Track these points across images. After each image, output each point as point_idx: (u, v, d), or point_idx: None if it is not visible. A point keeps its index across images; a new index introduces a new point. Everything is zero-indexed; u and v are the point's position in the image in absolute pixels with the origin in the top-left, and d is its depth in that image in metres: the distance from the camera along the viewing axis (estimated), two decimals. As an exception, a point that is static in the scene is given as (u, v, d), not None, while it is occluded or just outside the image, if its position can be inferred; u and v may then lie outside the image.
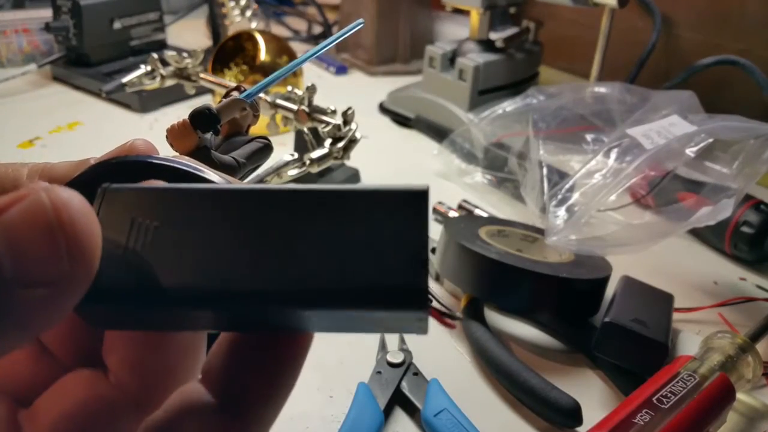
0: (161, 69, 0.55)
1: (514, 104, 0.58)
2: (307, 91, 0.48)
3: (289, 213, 0.14)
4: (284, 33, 1.01)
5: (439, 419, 0.32)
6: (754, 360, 0.35)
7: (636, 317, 0.36)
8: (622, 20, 0.66)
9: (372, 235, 0.14)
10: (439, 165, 0.61)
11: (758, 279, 0.47)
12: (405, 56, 0.88)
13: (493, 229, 0.45)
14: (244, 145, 0.24)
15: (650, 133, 0.46)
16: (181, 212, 0.14)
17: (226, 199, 0.14)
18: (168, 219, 0.14)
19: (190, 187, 0.15)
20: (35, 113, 0.71)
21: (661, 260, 0.47)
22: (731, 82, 0.65)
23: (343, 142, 0.47)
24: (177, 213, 0.14)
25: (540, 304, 0.39)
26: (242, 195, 0.14)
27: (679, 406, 0.30)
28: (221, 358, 0.16)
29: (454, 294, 0.44)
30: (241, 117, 0.25)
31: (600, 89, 0.56)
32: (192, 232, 0.14)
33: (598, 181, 0.44)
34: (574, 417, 0.33)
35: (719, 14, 0.67)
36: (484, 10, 0.66)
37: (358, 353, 0.38)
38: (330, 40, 0.24)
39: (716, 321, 0.42)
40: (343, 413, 0.33)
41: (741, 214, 0.46)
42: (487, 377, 0.37)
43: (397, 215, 0.14)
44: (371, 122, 0.72)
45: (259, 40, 0.67)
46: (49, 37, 0.82)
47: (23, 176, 0.18)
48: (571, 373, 0.37)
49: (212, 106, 0.23)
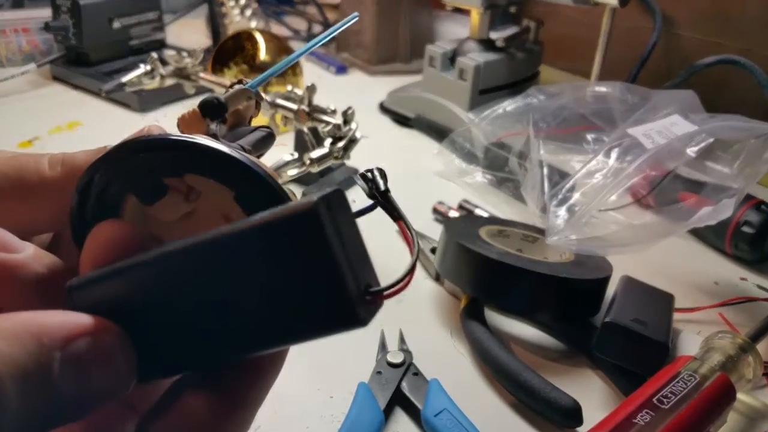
0: (161, 68, 0.55)
1: (515, 104, 0.58)
2: (307, 90, 0.48)
3: (207, 265, 0.14)
4: (284, 32, 1.00)
5: (440, 419, 0.32)
6: (754, 360, 0.35)
7: (636, 317, 0.36)
8: (622, 19, 0.66)
9: (288, 267, 0.13)
10: (439, 165, 0.61)
11: (759, 279, 0.47)
12: (405, 56, 0.88)
13: (494, 229, 0.45)
14: (248, 134, 0.24)
15: (651, 132, 0.46)
16: (136, 284, 0.15)
17: (160, 264, 0.15)
18: (128, 295, 0.15)
19: (129, 263, 0.15)
20: (34, 113, 0.71)
21: (661, 260, 0.47)
22: (732, 82, 0.65)
23: (343, 142, 0.47)
24: (131, 289, 0.15)
25: (540, 304, 0.39)
26: (173, 257, 0.15)
27: (680, 406, 0.30)
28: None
29: (454, 294, 0.44)
30: (245, 108, 0.26)
31: (600, 89, 0.55)
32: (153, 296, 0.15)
33: (598, 180, 0.44)
34: (574, 417, 0.33)
35: (720, 13, 0.66)
36: (484, 10, 0.65)
37: (358, 353, 0.37)
38: (330, 32, 0.24)
39: (717, 321, 0.42)
40: (343, 413, 0.33)
41: (742, 214, 0.46)
42: (488, 377, 0.37)
43: (297, 241, 0.13)
44: (371, 122, 0.72)
45: (259, 40, 0.67)
46: (49, 37, 0.82)
47: (45, 168, 0.18)
48: (572, 373, 0.37)
49: (220, 95, 0.23)
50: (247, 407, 0.16)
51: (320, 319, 0.13)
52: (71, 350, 0.13)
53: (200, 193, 0.18)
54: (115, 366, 0.14)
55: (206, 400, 0.15)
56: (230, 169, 0.16)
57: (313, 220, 0.13)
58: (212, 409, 0.15)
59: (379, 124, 0.72)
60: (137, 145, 0.16)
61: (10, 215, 0.17)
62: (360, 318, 0.13)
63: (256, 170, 0.16)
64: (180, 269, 0.14)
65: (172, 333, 0.15)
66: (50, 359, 0.12)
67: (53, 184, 0.17)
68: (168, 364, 0.16)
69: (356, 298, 0.13)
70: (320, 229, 0.13)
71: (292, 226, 0.13)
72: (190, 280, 0.14)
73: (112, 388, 0.14)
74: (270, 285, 0.14)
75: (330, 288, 0.13)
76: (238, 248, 0.14)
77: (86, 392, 0.13)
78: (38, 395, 0.12)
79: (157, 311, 0.15)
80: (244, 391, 0.16)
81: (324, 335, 0.14)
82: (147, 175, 0.17)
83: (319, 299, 0.13)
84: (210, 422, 0.15)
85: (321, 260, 0.13)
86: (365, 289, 0.14)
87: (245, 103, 0.25)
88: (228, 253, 0.14)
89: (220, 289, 0.14)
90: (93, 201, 0.17)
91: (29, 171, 0.17)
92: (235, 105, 0.25)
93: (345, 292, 0.13)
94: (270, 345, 0.14)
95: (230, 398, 0.16)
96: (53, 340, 0.13)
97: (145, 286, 0.15)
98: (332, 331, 0.14)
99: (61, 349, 0.13)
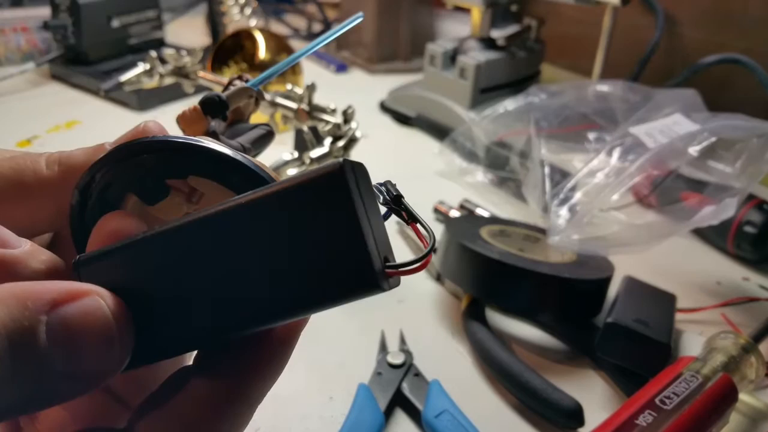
0: (160, 67, 0.54)
1: (516, 103, 0.58)
2: (307, 89, 0.48)
3: (227, 236, 0.14)
4: (284, 31, 1.00)
5: (440, 420, 0.32)
6: (757, 360, 0.34)
7: (638, 318, 0.36)
8: (624, 18, 0.65)
9: (311, 231, 0.13)
10: (440, 164, 0.61)
11: (761, 279, 0.47)
12: (406, 54, 0.88)
13: (495, 229, 0.44)
14: (248, 131, 0.24)
15: (653, 131, 0.46)
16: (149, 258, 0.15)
17: (175, 237, 0.15)
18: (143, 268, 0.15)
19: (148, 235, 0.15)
20: (33, 112, 0.71)
21: (663, 260, 0.47)
22: (734, 81, 0.65)
23: (344, 141, 0.47)
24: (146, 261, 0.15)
25: (542, 305, 0.39)
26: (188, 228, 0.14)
27: (682, 407, 0.30)
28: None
29: (455, 294, 0.43)
30: (244, 105, 0.26)
31: (602, 88, 0.55)
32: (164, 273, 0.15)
33: (600, 180, 0.44)
34: (575, 418, 0.33)
35: (722, 12, 0.66)
36: (485, 8, 0.65)
37: (359, 354, 0.37)
38: (333, 32, 0.24)
39: (719, 321, 0.42)
40: (344, 414, 0.33)
41: (744, 214, 0.46)
42: (489, 378, 0.36)
43: (322, 205, 0.13)
44: (372, 121, 0.72)
45: (259, 39, 0.67)
46: (48, 36, 0.82)
47: (42, 167, 0.18)
48: (573, 374, 0.37)
49: (221, 93, 0.23)
50: (249, 396, 0.15)
51: (341, 283, 0.13)
52: (58, 314, 0.12)
53: (202, 195, 0.18)
54: (108, 334, 0.13)
55: (207, 389, 0.15)
56: (235, 173, 0.16)
57: (340, 180, 0.13)
58: (213, 398, 0.15)
59: (379, 123, 0.72)
60: (141, 146, 0.16)
61: (8, 216, 0.17)
62: (379, 282, 0.13)
63: (261, 174, 0.16)
64: (198, 239, 0.14)
65: (185, 307, 0.15)
66: (36, 322, 0.12)
67: (51, 183, 0.17)
68: (178, 340, 0.15)
69: (376, 260, 0.13)
70: (346, 187, 0.13)
71: (319, 187, 0.13)
72: (208, 251, 0.14)
73: (105, 360, 0.13)
74: (291, 250, 0.13)
75: (352, 248, 0.13)
76: (261, 213, 0.14)
77: (76, 362, 0.13)
78: (25, 361, 0.12)
79: (170, 285, 0.15)
80: (247, 379, 0.15)
81: (343, 300, 0.13)
82: (150, 175, 0.17)
83: (340, 261, 0.13)
84: (210, 411, 0.15)
85: (346, 220, 0.13)
86: (384, 260, 0.13)
87: (245, 101, 0.25)
88: (250, 219, 0.14)
89: (240, 258, 0.14)
90: (94, 200, 0.17)
91: (26, 171, 0.17)
92: (236, 103, 0.25)
93: (367, 253, 0.13)
94: (286, 314, 0.14)
95: (232, 387, 0.15)
96: (39, 304, 0.12)
97: (158, 259, 0.15)
98: (352, 294, 0.13)
99: (47, 313, 0.12)
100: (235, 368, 0.15)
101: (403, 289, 0.44)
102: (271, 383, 0.16)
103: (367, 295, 0.13)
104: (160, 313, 0.15)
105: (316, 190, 0.13)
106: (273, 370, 0.16)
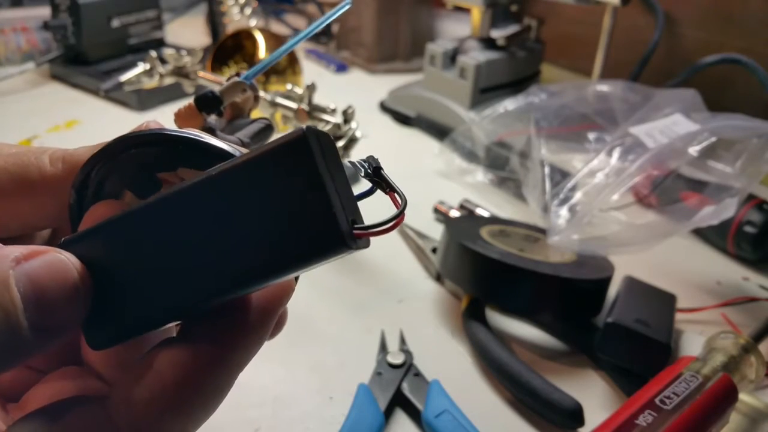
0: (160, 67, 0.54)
1: (516, 103, 0.58)
2: (307, 89, 0.48)
3: (199, 208, 0.14)
4: (284, 31, 1.00)
5: (440, 420, 0.32)
6: (757, 360, 0.34)
7: (639, 318, 0.36)
8: (624, 18, 0.65)
9: (277, 197, 0.14)
10: (440, 164, 0.61)
11: (761, 279, 0.47)
12: (406, 54, 0.88)
13: (495, 229, 0.44)
14: (247, 126, 0.24)
15: (653, 131, 0.46)
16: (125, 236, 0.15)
17: (145, 213, 0.15)
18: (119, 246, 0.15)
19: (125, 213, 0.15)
20: (33, 112, 0.71)
21: (663, 260, 0.47)
22: (734, 81, 0.65)
23: (344, 141, 0.47)
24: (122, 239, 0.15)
25: (542, 305, 0.39)
26: (158, 205, 0.15)
27: (682, 407, 0.29)
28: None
29: (455, 294, 0.43)
30: (243, 100, 0.26)
31: (602, 88, 0.55)
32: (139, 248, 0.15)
33: (600, 180, 0.44)
34: (576, 418, 0.33)
35: (722, 12, 0.66)
36: (485, 8, 0.65)
37: (359, 354, 0.37)
38: (322, 20, 0.24)
39: (719, 321, 0.42)
40: (344, 414, 0.33)
41: (744, 214, 0.46)
42: (489, 378, 0.36)
43: (287, 170, 0.13)
44: (372, 121, 0.72)
45: (259, 39, 0.67)
46: (48, 36, 0.82)
47: (46, 164, 0.18)
48: (573, 374, 0.37)
49: (215, 89, 0.23)
50: (229, 363, 0.16)
51: (309, 244, 0.14)
52: (23, 268, 0.13)
53: None
54: (71, 283, 0.14)
55: (187, 355, 0.15)
56: (219, 161, 0.16)
57: (303, 144, 0.13)
58: (193, 363, 0.15)
59: (379, 123, 0.72)
60: (128, 142, 0.17)
61: (11, 211, 0.18)
62: (347, 241, 0.13)
63: None
64: (167, 212, 0.15)
65: (157, 279, 0.15)
66: (5, 276, 0.13)
67: (54, 180, 0.18)
68: (141, 318, 0.16)
69: (342, 220, 0.13)
70: (310, 151, 0.13)
71: (284, 153, 0.13)
72: (178, 223, 0.15)
73: (69, 309, 0.14)
74: (260, 216, 0.14)
75: (318, 209, 0.13)
76: (230, 183, 0.14)
77: (42, 311, 0.13)
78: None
79: (141, 259, 0.15)
80: (227, 346, 0.16)
81: (314, 260, 0.14)
82: (140, 170, 0.17)
83: (307, 223, 0.13)
84: (190, 375, 0.15)
85: (310, 182, 0.13)
86: (352, 222, 0.14)
87: (243, 96, 0.25)
88: (219, 189, 0.14)
89: (209, 228, 0.14)
90: (90, 197, 0.17)
91: (31, 168, 0.18)
92: (230, 98, 0.25)
93: (332, 213, 0.13)
94: (260, 279, 0.14)
95: (213, 353, 0.15)
96: (5, 261, 0.13)
97: (130, 235, 0.15)
98: (321, 254, 0.14)
99: (13, 268, 0.13)
100: (215, 336, 0.15)
101: (403, 289, 0.44)
102: (253, 352, 0.16)
103: (337, 255, 0.14)
104: (136, 286, 0.15)
105: (282, 155, 0.14)
106: (255, 339, 0.16)
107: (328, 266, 0.46)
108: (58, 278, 0.14)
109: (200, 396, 0.15)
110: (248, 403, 0.34)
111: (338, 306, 0.42)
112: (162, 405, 0.15)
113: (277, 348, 0.38)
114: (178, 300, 0.15)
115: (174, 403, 0.15)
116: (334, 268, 0.45)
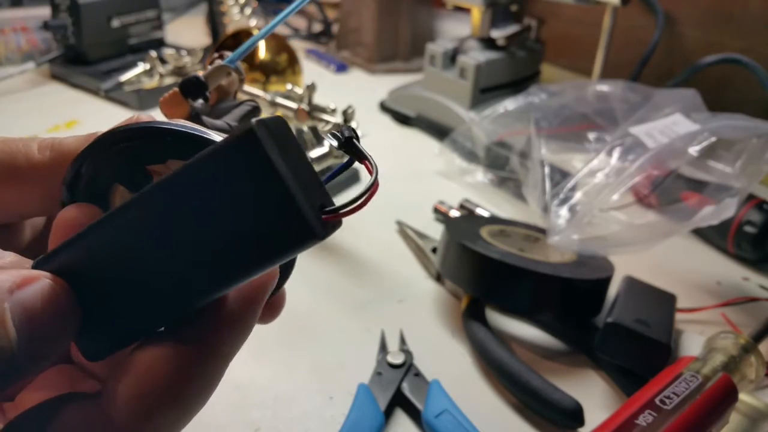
0: (160, 67, 0.54)
1: (516, 103, 0.58)
2: (307, 89, 0.48)
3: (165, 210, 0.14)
4: (284, 31, 1.00)
5: (440, 420, 0.32)
6: (756, 360, 0.34)
7: (639, 317, 0.36)
8: (624, 18, 0.65)
9: (237, 193, 0.13)
10: (440, 164, 0.61)
11: (761, 279, 0.47)
12: (406, 54, 0.88)
13: (495, 229, 0.44)
14: (234, 109, 0.24)
15: (653, 131, 0.46)
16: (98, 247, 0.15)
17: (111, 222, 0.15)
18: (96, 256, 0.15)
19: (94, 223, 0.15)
20: (33, 112, 0.71)
21: (663, 260, 0.47)
22: (734, 81, 0.65)
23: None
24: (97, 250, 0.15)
25: (542, 305, 0.39)
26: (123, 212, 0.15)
27: (682, 407, 0.29)
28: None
29: (455, 294, 0.43)
30: (228, 83, 0.26)
31: (602, 88, 0.55)
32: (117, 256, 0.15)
33: (600, 180, 0.44)
34: (576, 418, 0.33)
35: (722, 12, 0.66)
36: (485, 8, 0.65)
37: (359, 354, 0.37)
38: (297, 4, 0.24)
39: (719, 321, 0.42)
40: (344, 414, 0.33)
41: (744, 214, 0.46)
42: (489, 378, 0.36)
43: (242, 166, 0.13)
44: (372, 121, 0.72)
45: (259, 38, 0.66)
46: (48, 36, 0.82)
47: (34, 152, 0.18)
48: (573, 374, 0.37)
49: (199, 74, 0.23)
50: (217, 356, 0.16)
51: (278, 237, 0.13)
52: (20, 297, 0.14)
53: None
54: (63, 313, 0.15)
55: (175, 350, 0.15)
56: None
57: (252, 139, 0.13)
58: (181, 358, 0.15)
59: (379, 123, 0.72)
60: (116, 136, 0.17)
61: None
62: (315, 230, 0.13)
63: None
64: (134, 221, 0.15)
65: (136, 287, 0.15)
66: (1, 309, 0.13)
67: (42, 168, 0.18)
68: (130, 327, 0.16)
69: (307, 210, 0.13)
70: (261, 147, 0.13)
71: (235, 151, 0.13)
72: (144, 230, 0.14)
73: (61, 337, 0.15)
74: (223, 215, 0.14)
75: (280, 203, 0.13)
76: (187, 186, 0.14)
77: (38, 342, 0.14)
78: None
79: (114, 268, 0.15)
80: (213, 340, 0.16)
81: (285, 253, 0.14)
82: (130, 163, 0.17)
83: (272, 216, 0.13)
84: (179, 369, 0.15)
85: (266, 175, 0.13)
86: (320, 207, 0.14)
87: (228, 79, 0.25)
88: (176, 194, 0.14)
89: (172, 234, 0.14)
90: (82, 193, 0.17)
91: (18, 155, 0.18)
92: (215, 82, 0.25)
93: (295, 205, 0.13)
94: (234, 279, 0.14)
95: (200, 347, 0.15)
96: (1, 292, 0.14)
97: (99, 246, 0.15)
98: (291, 246, 0.13)
99: (8, 300, 0.13)
100: (200, 329, 0.16)
101: (403, 289, 0.44)
102: (241, 341, 0.16)
103: (307, 244, 0.13)
104: (115, 296, 0.15)
105: (233, 152, 0.13)
106: (240, 329, 0.16)
107: (327, 266, 0.46)
108: (49, 309, 0.14)
109: (190, 388, 0.15)
110: (248, 404, 0.34)
111: (338, 306, 0.42)
112: (153, 399, 0.15)
113: (277, 348, 0.38)
114: (160, 306, 0.15)
115: (165, 397, 0.15)
116: (334, 268, 0.45)
